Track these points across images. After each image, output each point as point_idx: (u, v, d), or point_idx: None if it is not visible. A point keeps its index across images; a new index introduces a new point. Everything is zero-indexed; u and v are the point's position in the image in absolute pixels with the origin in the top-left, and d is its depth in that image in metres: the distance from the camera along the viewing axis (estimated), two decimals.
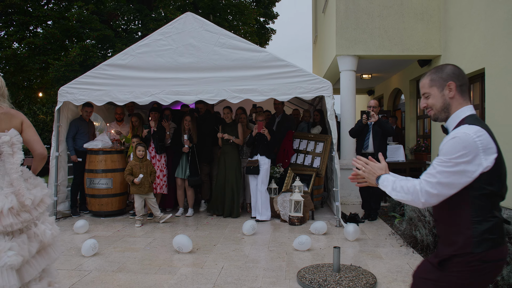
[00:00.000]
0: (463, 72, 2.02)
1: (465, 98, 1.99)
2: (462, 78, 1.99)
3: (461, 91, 1.98)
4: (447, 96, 1.98)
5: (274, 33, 15.69)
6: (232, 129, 7.02)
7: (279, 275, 4.16)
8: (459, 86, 1.98)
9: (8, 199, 2.64)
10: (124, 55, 6.96)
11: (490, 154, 1.81)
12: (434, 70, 2.05)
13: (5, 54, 9.38)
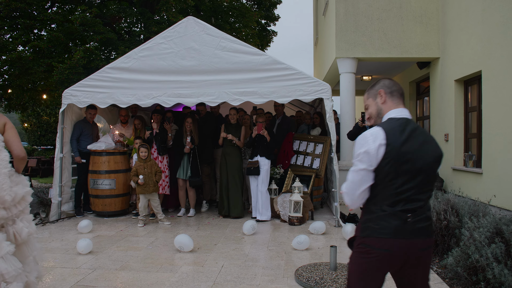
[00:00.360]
0: (394, 82, 2.26)
1: (396, 102, 2.21)
2: (392, 86, 2.24)
3: (391, 96, 2.21)
4: (379, 102, 2.24)
5: (275, 35, 15.80)
6: (236, 131, 7.15)
7: (278, 273, 4.28)
8: (389, 93, 2.22)
9: None
10: (127, 59, 7.10)
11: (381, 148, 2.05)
12: (370, 86, 2.34)
13: (10, 57, 9.54)
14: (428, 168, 2.08)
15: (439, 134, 8.47)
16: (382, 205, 2.08)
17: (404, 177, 2.05)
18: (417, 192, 2.07)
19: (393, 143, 2.04)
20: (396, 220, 2.04)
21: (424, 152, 2.08)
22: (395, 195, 2.06)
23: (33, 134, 27.63)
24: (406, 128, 2.10)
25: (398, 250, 2.05)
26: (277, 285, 3.92)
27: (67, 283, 3.99)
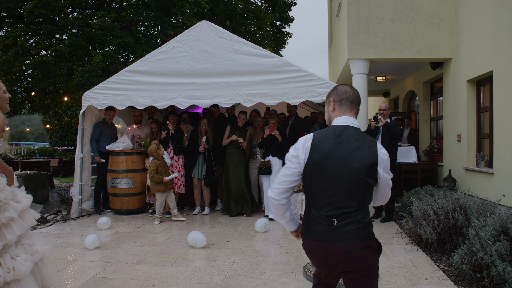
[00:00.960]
0: (346, 90, 2.31)
1: (343, 110, 2.29)
2: (342, 94, 2.30)
3: (340, 105, 2.29)
4: (330, 110, 2.34)
5: (290, 36, 15.96)
6: (242, 134, 7.36)
7: (287, 268, 4.44)
8: (338, 101, 2.30)
9: None
10: (143, 62, 7.35)
11: (305, 155, 2.18)
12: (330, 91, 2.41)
13: (34, 61, 9.96)
14: (355, 174, 2.11)
15: (452, 135, 8.50)
16: (311, 209, 2.20)
17: (329, 182, 2.12)
18: (344, 198, 2.11)
19: (320, 148, 2.15)
20: (321, 223, 2.14)
21: (353, 158, 2.12)
22: (321, 200, 2.15)
23: (55, 135, 28.36)
24: (341, 134, 2.19)
25: (323, 252, 2.16)
26: (285, 280, 4.09)
27: (87, 275, 4.23)
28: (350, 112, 2.28)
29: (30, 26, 10.67)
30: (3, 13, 10.82)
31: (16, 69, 10.32)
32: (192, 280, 4.08)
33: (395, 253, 5.04)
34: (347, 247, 2.10)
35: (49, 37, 10.87)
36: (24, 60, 10.64)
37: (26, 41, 10.77)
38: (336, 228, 2.11)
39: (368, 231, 2.16)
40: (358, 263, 2.13)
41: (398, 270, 4.40)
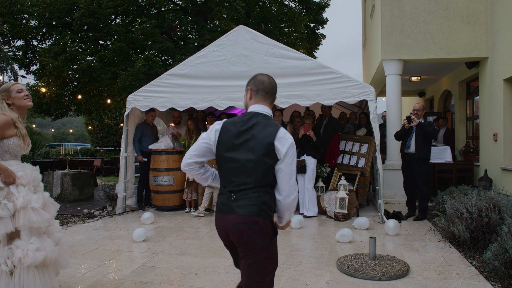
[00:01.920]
0: (262, 81, 2.51)
1: (257, 99, 2.51)
2: (259, 85, 2.50)
3: (256, 94, 2.51)
4: (247, 98, 2.56)
5: (324, 38, 16.09)
6: None
7: (321, 261, 4.67)
8: (255, 91, 2.51)
9: None
10: (183, 66, 7.74)
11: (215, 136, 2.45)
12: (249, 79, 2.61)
13: (81, 66, 10.61)
14: (253, 154, 2.34)
15: (488, 134, 8.46)
16: (221, 185, 2.48)
17: (233, 161, 2.38)
18: (243, 176, 2.34)
19: (226, 132, 2.42)
20: (224, 198, 2.41)
21: (253, 140, 2.35)
22: (226, 177, 2.41)
23: (96, 136, 29.53)
24: (248, 120, 2.42)
25: (219, 223, 2.43)
26: (319, 271, 4.33)
27: (136, 264, 4.62)
28: (264, 101, 2.51)
29: (78, 34, 11.37)
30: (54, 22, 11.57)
31: (65, 74, 11.00)
32: (232, 270, 4.38)
33: (427, 249, 5.17)
34: (234, 219, 2.33)
35: (94, 43, 11.54)
36: (72, 65, 11.32)
37: (74, 47, 11.46)
38: (232, 202, 2.36)
39: (261, 210, 2.33)
40: (241, 235, 2.31)
41: (429, 265, 4.54)
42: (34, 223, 3.21)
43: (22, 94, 3.41)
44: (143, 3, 12.17)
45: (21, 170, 3.34)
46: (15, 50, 12.61)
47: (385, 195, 8.70)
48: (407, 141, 7.03)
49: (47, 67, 10.53)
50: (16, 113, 3.41)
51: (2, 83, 6.88)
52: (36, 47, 12.79)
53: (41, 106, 12.77)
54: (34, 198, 3.29)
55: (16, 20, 11.55)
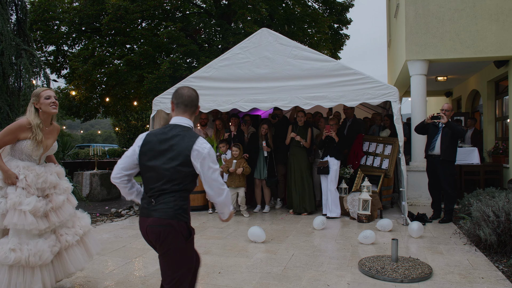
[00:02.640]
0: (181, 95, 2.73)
1: (178, 112, 2.74)
2: (178, 98, 2.73)
3: (177, 107, 2.75)
4: (170, 110, 2.84)
5: (347, 38, 16.00)
6: (303, 132, 7.65)
7: (343, 262, 4.69)
8: (176, 103, 2.75)
9: None
10: (207, 68, 7.88)
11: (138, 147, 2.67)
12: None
13: (109, 70, 10.93)
14: (170, 163, 2.55)
15: None
16: (144, 192, 2.69)
17: (152, 170, 2.59)
18: (162, 183, 2.55)
19: (148, 143, 2.63)
20: (145, 203, 2.63)
21: (171, 151, 2.57)
22: (147, 184, 2.62)
23: (123, 137, 30.19)
24: (168, 132, 2.64)
25: (140, 226, 2.64)
26: (341, 272, 4.35)
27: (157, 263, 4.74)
28: (183, 113, 2.73)
29: (106, 38, 11.71)
30: (83, 27, 11.94)
31: (93, 78, 11.35)
32: (254, 270, 4.46)
33: (452, 252, 5.11)
34: (151, 221, 2.55)
35: (121, 47, 11.87)
36: (100, 69, 11.67)
37: (102, 51, 11.80)
38: (151, 206, 2.57)
39: (177, 213, 2.54)
40: (157, 236, 2.54)
41: (453, 268, 4.49)
42: (16, 225, 3.33)
43: (48, 101, 3.63)
44: (168, 7, 12.41)
45: (25, 173, 3.51)
46: (47, 55, 13.08)
47: (409, 197, 8.61)
48: (431, 142, 6.95)
49: (77, 71, 10.89)
50: (40, 118, 3.62)
51: (36, 87, 7.18)
52: (66, 52, 13.24)
53: (71, 109, 13.20)
54: (26, 201, 3.41)
55: (48, 27, 11.99)
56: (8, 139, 3.49)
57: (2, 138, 3.46)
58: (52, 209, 3.58)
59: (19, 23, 7.31)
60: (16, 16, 7.28)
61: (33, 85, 6.81)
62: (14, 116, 6.53)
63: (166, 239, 2.54)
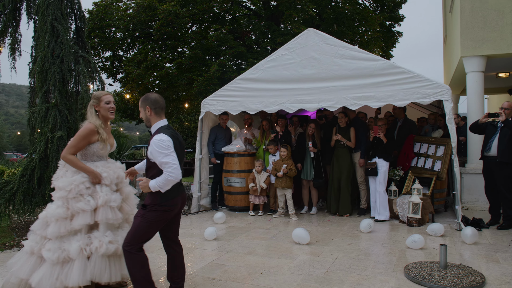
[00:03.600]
0: (158, 100, 3.37)
1: (159, 115, 3.37)
2: (156, 104, 3.36)
3: (155, 111, 3.36)
4: (147, 114, 3.38)
5: (400, 35, 15.45)
6: (346, 133, 7.51)
7: (388, 267, 4.56)
8: (154, 109, 3.36)
9: None
10: (254, 70, 7.94)
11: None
12: (142, 98, 3.44)
13: (160, 73, 11.32)
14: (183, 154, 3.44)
15: None
16: None
17: (181, 158, 3.35)
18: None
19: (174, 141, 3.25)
20: (178, 185, 3.41)
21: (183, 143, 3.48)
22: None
23: None
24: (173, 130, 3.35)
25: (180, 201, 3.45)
26: (385, 277, 4.23)
27: (205, 261, 4.85)
28: (164, 115, 3.42)
29: (157, 43, 12.14)
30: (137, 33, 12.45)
31: (146, 81, 11.79)
32: (296, 272, 4.44)
33: (510, 261, 4.80)
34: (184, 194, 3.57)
35: (172, 51, 12.24)
36: (152, 73, 12.10)
37: (154, 56, 12.24)
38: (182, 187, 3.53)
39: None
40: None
41: (510, 278, 4.23)
42: (109, 219, 3.74)
43: (108, 106, 3.94)
44: (217, 10, 12.64)
45: (105, 171, 3.86)
46: (104, 61, 13.76)
47: (465, 201, 8.20)
48: (488, 142, 6.58)
49: (131, 75, 11.37)
50: (100, 120, 3.95)
51: (93, 91, 7.57)
52: (121, 57, 13.85)
53: (126, 111, 13.79)
54: (113, 198, 3.81)
55: (105, 34, 12.62)
56: (82, 145, 3.82)
57: (77, 145, 3.79)
58: (123, 200, 3.97)
59: (77, 32, 7.73)
60: (75, 25, 7.71)
61: (90, 89, 7.19)
62: (72, 119, 6.92)
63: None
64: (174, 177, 3.18)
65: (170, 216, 3.43)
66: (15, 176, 6.95)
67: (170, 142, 3.20)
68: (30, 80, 7.40)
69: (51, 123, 6.61)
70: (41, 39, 6.93)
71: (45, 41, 6.80)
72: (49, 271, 3.52)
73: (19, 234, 6.58)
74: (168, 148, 3.18)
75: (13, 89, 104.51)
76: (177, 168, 3.18)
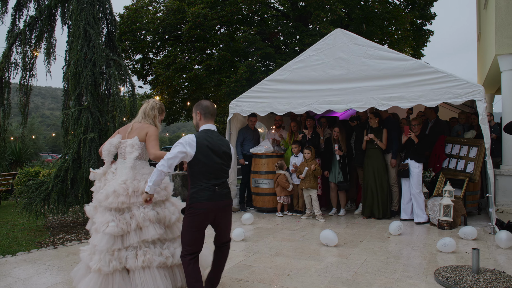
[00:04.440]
0: (208, 106, 3.58)
1: (206, 120, 3.57)
2: (206, 109, 3.56)
3: (204, 117, 3.57)
4: (197, 119, 3.61)
5: (432, 34, 15.08)
6: (377, 134, 7.40)
7: (418, 271, 4.48)
8: (203, 114, 3.57)
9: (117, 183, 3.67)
10: (282, 71, 7.94)
11: (192, 148, 3.33)
12: (196, 104, 3.66)
13: (189, 75, 11.48)
14: (223, 157, 3.45)
15: None
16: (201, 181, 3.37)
17: (212, 162, 3.37)
18: (221, 172, 3.45)
19: (200, 142, 3.35)
20: (209, 190, 3.37)
21: (220, 149, 3.44)
22: (208, 174, 3.37)
23: None
24: (211, 135, 3.47)
25: (212, 207, 3.38)
26: (415, 281, 4.16)
27: (233, 262, 4.89)
28: (211, 121, 3.60)
29: (186, 45, 12.32)
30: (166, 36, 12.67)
31: (175, 83, 11.98)
32: (323, 274, 4.42)
33: None
34: (223, 203, 3.49)
35: (201, 53, 12.39)
36: (181, 75, 12.29)
37: (183, 58, 12.42)
38: (218, 192, 3.42)
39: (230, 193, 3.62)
40: (228, 213, 3.62)
41: None
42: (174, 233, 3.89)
43: (161, 117, 4.21)
44: (245, 12, 12.70)
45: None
46: (134, 64, 14.06)
47: (500, 204, 7.95)
48: None
49: (160, 77, 11.57)
50: None
51: (123, 94, 7.76)
52: (151, 60, 14.11)
53: None
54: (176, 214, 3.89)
55: (135, 37, 12.90)
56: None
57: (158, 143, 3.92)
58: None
59: (109, 35, 7.96)
60: (106, 29, 7.93)
61: (120, 91, 7.38)
62: (104, 121, 7.12)
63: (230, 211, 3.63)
64: (161, 168, 3.31)
65: (202, 220, 3.40)
66: (50, 177, 7.21)
67: (187, 142, 3.33)
68: (64, 83, 7.67)
69: (83, 125, 6.83)
70: (74, 43, 7.18)
71: (78, 45, 7.03)
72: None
73: (53, 232, 6.81)
74: (177, 145, 3.34)
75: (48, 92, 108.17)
76: (166, 160, 3.30)
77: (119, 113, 7.14)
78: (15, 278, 4.43)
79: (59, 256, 5.31)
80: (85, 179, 6.87)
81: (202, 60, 12.22)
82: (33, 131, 32.27)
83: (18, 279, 4.38)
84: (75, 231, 6.85)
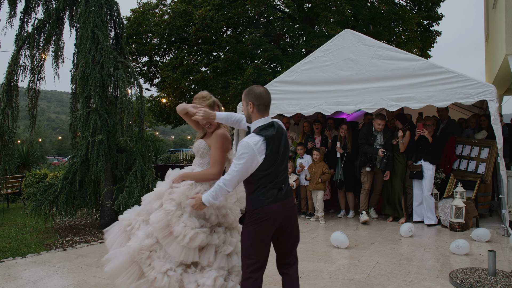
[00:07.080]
0: (262, 96, 2.84)
1: (261, 113, 2.87)
2: (259, 100, 2.84)
3: (258, 108, 2.85)
4: (249, 110, 2.88)
5: (439, 35, 14.98)
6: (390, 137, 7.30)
7: (432, 273, 4.41)
8: (257, 105, 2.84)
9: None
10: (290, 72, 7.90)
11: (262, 154, 2.74)
12: (246, 90, 2.93)
13: (196, 77, 11.48)
14: (286, 152, 2.91)
15: None
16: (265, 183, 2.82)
17: (279, 162, 2.83)
18: (285, 168, 2.91)
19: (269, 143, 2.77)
20: (274, 190, 2.83)
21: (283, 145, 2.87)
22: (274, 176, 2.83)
23: None
24: (280, 131, 2.87)
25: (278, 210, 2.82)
26: (429, 284, 4.09)
27: None
28: (266, 112, 2.90)
29: (193, 47, 12.32)
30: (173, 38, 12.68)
31: (182, 85, 11.97)
32: (336, 276, 4.37)
33: None
34: (291, 202, 2.95)
35: (207, 55, 12.39)
36: (188, 77, 12.27)
37: (189, 60, 12.42)
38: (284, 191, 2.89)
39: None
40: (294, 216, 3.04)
41: None
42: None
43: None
44: (252, 14, 12.69)
45: None
46: (141, 66, 14.08)
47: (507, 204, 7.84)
48: None
49: (167, 79, 11.57)
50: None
51: (130, 96, 7.75)
52: (158, 62, 14.13)
53: (162, 115, 14.02)
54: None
55: (142, 40, 12.92)
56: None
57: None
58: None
59: (116, 38, 7.96)
60: (114, 32, 7.94)
61: (128, 94, 7.36)
62: (112, 123, 7.11)
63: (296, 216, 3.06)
64: (225, 187, 2.81)
65: (268, 227, 2.84)
66: (58, 179, 7.20)
67: (254, 147, 2.73)
68: (72, 85, 7.67)
69: (91, 127, 6.82)
70: (82, 46, 7.18)
71: (86, 48, 7.03)
72: None
73: (62, 235, 6.80)
74: (242, 155, 2.72)
75: (54, 96, 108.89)
76: (231, 180, 2.77)
77: (127, 115, 7.13)
78: (26, 280, 4.41)
79: (68, 258, 5.29)
80: (93, 181, 6.86)
81: (209, 62, 12.22)
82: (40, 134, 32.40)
83: (28, 281, 4.36)
84: (84, 233, 6.83)
